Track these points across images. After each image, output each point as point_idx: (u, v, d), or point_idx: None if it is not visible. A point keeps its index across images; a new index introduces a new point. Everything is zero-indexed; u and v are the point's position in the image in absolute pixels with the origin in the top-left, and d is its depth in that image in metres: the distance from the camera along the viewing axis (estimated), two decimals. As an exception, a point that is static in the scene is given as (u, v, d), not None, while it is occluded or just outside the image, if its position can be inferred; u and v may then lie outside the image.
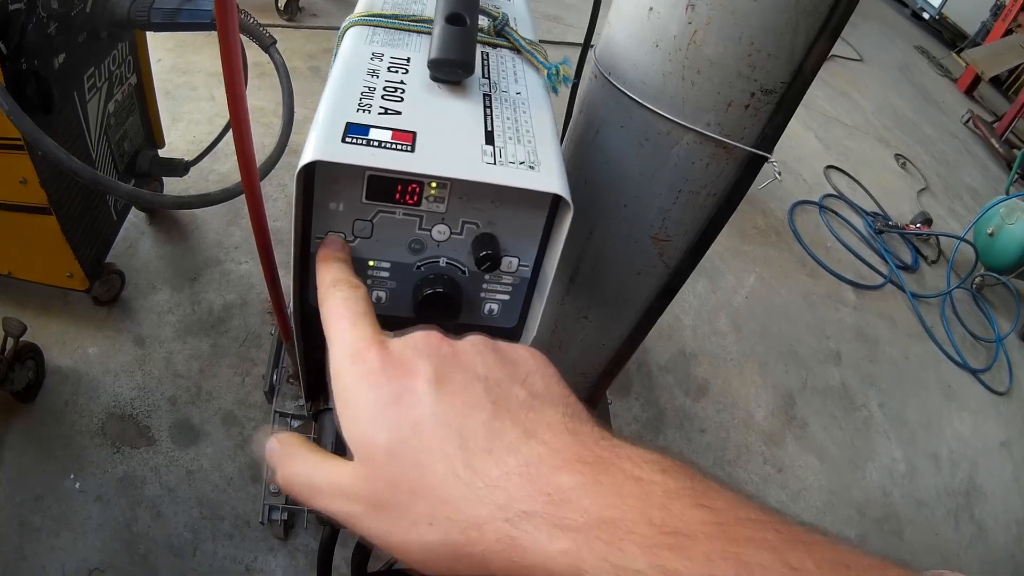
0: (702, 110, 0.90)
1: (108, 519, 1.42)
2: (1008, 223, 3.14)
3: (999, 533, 2.22)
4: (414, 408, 0.33)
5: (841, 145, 4.06)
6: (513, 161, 0.52)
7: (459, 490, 0.31)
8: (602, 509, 0.28)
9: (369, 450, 0.33)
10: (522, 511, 0.29)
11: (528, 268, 0.60)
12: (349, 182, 0.52)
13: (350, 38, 0.66)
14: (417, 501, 0.31)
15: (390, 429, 0.33)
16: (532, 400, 0.35)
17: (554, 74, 0.68)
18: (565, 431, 0.33)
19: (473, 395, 0.34)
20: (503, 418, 0.33)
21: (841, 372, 2.55)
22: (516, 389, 0.35)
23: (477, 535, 0.30)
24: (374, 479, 0.33)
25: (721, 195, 0.99)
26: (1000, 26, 5.87)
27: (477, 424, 0.33)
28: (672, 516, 0.28)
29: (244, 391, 1.70)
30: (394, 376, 0.35)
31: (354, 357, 0.36)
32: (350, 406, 0.35)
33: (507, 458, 0.31)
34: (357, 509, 0.33)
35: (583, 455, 0.31)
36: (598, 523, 0.28)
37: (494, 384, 0.35)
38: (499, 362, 0.37)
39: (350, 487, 0.34)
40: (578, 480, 0.30)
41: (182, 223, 2.06)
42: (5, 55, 1.16)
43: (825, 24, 0.82)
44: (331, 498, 0.35)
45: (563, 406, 0.35)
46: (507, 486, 0.30)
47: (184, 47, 2.74)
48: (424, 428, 0.33)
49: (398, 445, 0.32)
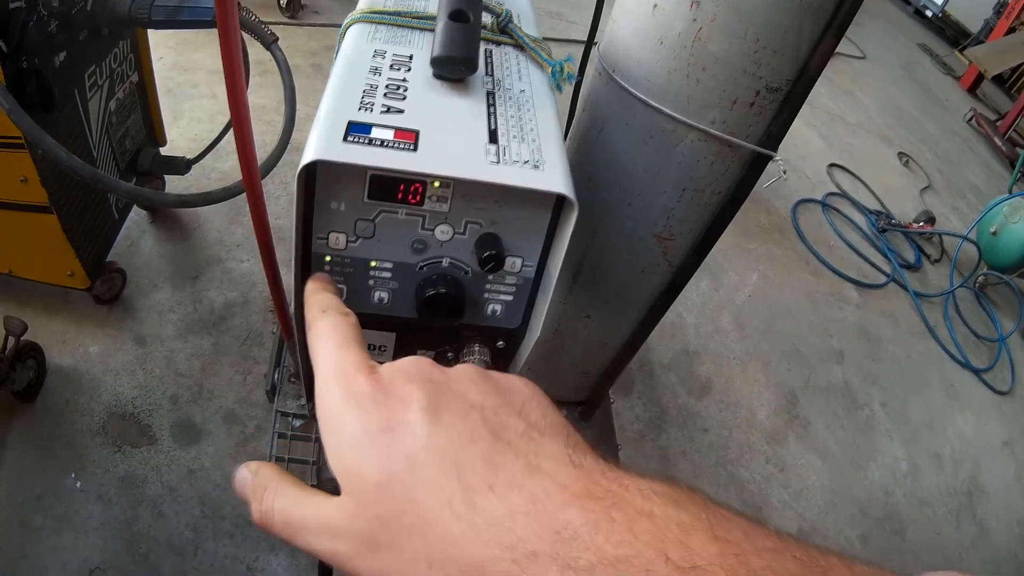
0: (707, 108, 0.89)
1: (109, 518, 1.41)
2: (1011, 222, 3.13)
3: (1001, 533, 2.21)
4: (407, 438, 0.31)
5: (844, 143, 4.05)
6: (517, 160, 0.52)
7: (459, 528, 0.28)
8: (616, 547, 0.26)
9: (358, 484, 0.31)
10: (530, 551, 0.27)
11: (532, 268, 0.59)
12: (351, 181, 0.52)
13: (352, 35, 0.65)
14: (413, 540, 0.29)
15: (381, 461, 0.31)
16: (531, 431, 0.32)
17: (558, 71, 0.67)
18: (569, 463, 0.31)
19: (470, 425, 0.32)
20: (503, 451, 0.31)
21: (844, 371, 2.54)
22: (514, 419, 0.33)
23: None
24: (365, 517, 0.31)
25: (726, 193, 0.99)
26: (1003, 24, 5.85)
27: (476, 456, 0.30)
28: (689, 551, 0.26)
29: (246, 390, 1.70)
30: (384, 403, 0.32)
31: (341, 380, 0.34)
32: (336, 434, 0.33)
33: (510, 494, 0.29)
34: (346, 548, 0.31)
35: (592, 490, 0.29)
36: (612, 562, 0.26)
37: (491, 413, 0.33)
38: (494, 390, 0.35)
39: (338, 524, 0.31)
40: (588, 517, 0.28)
41: (184, 221, 2.06)
42: (6, 53, 1.15)
43: (830, 22, 0.82)
44: (317, 536, 0.32)
45: (563, 437, 0.33)
46: (512, 524, 0.28)
47: (185, 45, 2.74)
48: (418, 461, 0.30)
49: (390, 479, 0.30)
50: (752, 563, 0.26)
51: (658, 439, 2.00)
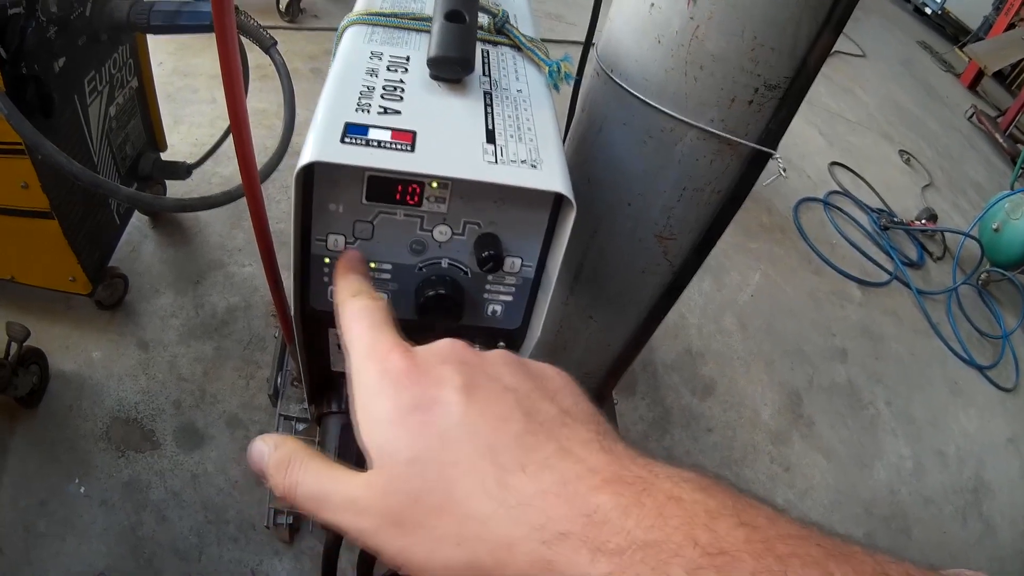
0: (705, 106, 0.89)
1: (113, 523, 1.41)
2: (1013, 218, 3.12)
3: (1007, 530, 2.21)
4: (441, 418, 0.31)
5: (845, 141, 4.05)
6: (515, 160, 0.52)
7: (490, 507, 0.29)
8: (645, 531, 0.27)
9: (389, 460, 0.31)
10: (559, 532, 0.27)
11: (531, 268, 0.59)
12: (349, 183, 0.52)
13: (349, 37, 0.65)
14: (442, 518, 0.29)
15: (414, 438, 0.31)
16: (564, 416, 0.33)
17: (555, 71, 0.67)
18: (600, 449, 0.31)
19: (504, 407, 0.32)
20: (536, 432, 0.31)
21: (847, 369, 2.54)
22: (547, 404, 0.33)
23: (508, 557, 0.28)
24: (394, 492, 0.31)
25: (726, 192, 0.98)
26: (1003, 20, 5.84)
27: (509, 437, 0.30)
28: (717, 537, 0.26)
29: (248, 394, 1.70)
30: (419, 382, 0.33)
31: (376, 359, 0.35)
32: (369, 410, 0.33)
33: (543, 475, 0.29)
34: (371, 524, 0.31)
35: (622, 475, 0.29)
36: (642, 546, 0.26)
37: (524, 397, 0.33)
38: (527, 376, 0.35)
39: (365, 500, 0.31)
40: (618, 501, 0.28)
41: (185, 226, 2.06)
42: (5, 59, 1.15)
43: (828, 18, 0.81)
44: (342, 512, 0.32)
45: (594, 424, 0.33)
46: (543, 505, 0.28)
47: (185, 50, 2.74)
48: (452, 439, 0.30)
49: (422, 456, 0.30)
50: (777, 549, 0.26)
51: (662, 440, 2.00)
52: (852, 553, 0.26)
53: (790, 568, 0.25)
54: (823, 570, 0.25)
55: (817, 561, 0.26)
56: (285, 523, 1.41)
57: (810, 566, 0.25)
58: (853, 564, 0.26)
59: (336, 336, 0.64)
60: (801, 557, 0.26)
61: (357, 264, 0.49)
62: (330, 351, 0.66)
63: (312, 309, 0.59)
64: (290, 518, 1.41)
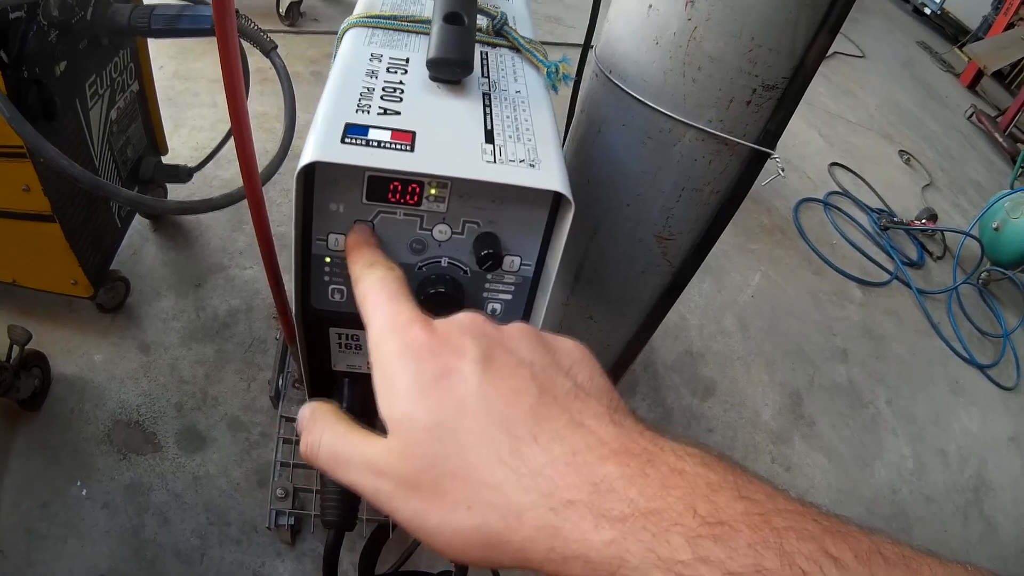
0: (704, 107, 0.89)
1: (115, 526, 1.42)
2: (1013, 217, 3.12)
3: (1009, 528, 2.21)
4: (459, 387, 0.32)
5: (845, 142, 4.05)
6: (513, 159, 0.52)
7: (502, 475, 0.30)
8: (648, 500, 0.28)
9: (408, 426, 0.32)
10: (567, 500, 0.29)
11: (530, 267, 0.59)
12: (349, 183, 0.52)
13: (349, 39, 0.66)
14: (456, 483, 0.31)
15: (432, 407, 0.32)
16: (577, 390, 0.34)
17: (553, 72, 0.68)
18: (610, 422, 0.32)
19: (520, 380, 0.33)
20: (550, 405, 0.32)
21: (848, 369, 2.54)
22: (561, 378, 0.34)
23: (516, 523, 0.29)
24: (411, 457, 0.32)
25: (724, 192, 0.99)
26: (1002, 20, 5.84)
27: (524, 409, 0.32)
28: (716, 508, 0.27)
29: (250, 396, 1.70)
30: (439, 353, 0.34)
31: (396, 330, 0.36)
32: (390, 380, 0.34)
33: (553, 445, 0.30)
34: (388, 486, 0.33)
35: (629, 447, 0.30)
36: (644, 514, 0.28)
37: (540, 371, 0.34)
38: (545, 350, 0.36)
39: (383, 463, 0.33)
40: (624, 471, 0.29)
41: (186, 229, 2.06)
42: (6, 63, 1.16)
43: (825, 18, 0.82)
44: (359, 472, 0.34)
45: (607, 398, 0.34)
46: (552, 474, 0.29)
47: (186, 53, 2.75)
48: (468, 409, 0.32)
49: (440, 423, 0.31)
50: (775, 522, 0.27)
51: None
52: (849, 531, 0.27)
53: (785, 540, 0.26)
54: (818, 545, 0.26)
55: (813, 536, 0.26)
56: (287, 524, 1.41)
57: (806, 540, 0.26)
58: (849, 541, 0.27)
59: (336, 336, 0.65)
60: (797, 531, 0.27)
61: (368, 236, 0.50)
62: (331, 350, 0.67)
63: (313, 308, 0.60)
64: (292, 519, 1.41)
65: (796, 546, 0.26)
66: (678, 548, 0.26)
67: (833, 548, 0.26)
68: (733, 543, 0.26)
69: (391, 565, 1.09)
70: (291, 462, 1.42)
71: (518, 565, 0.30)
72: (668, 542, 0.27)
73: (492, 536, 0.30)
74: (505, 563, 0.30)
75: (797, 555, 0.26)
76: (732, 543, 0.26)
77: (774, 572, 0.25)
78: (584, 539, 0.28)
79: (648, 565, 0.27)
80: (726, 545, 0.26)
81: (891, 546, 0.27)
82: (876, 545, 0.27)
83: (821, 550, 0.26)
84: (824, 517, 0.28)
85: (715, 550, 0.26)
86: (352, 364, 0.67)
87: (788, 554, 0.26)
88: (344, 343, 0.65)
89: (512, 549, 0.30)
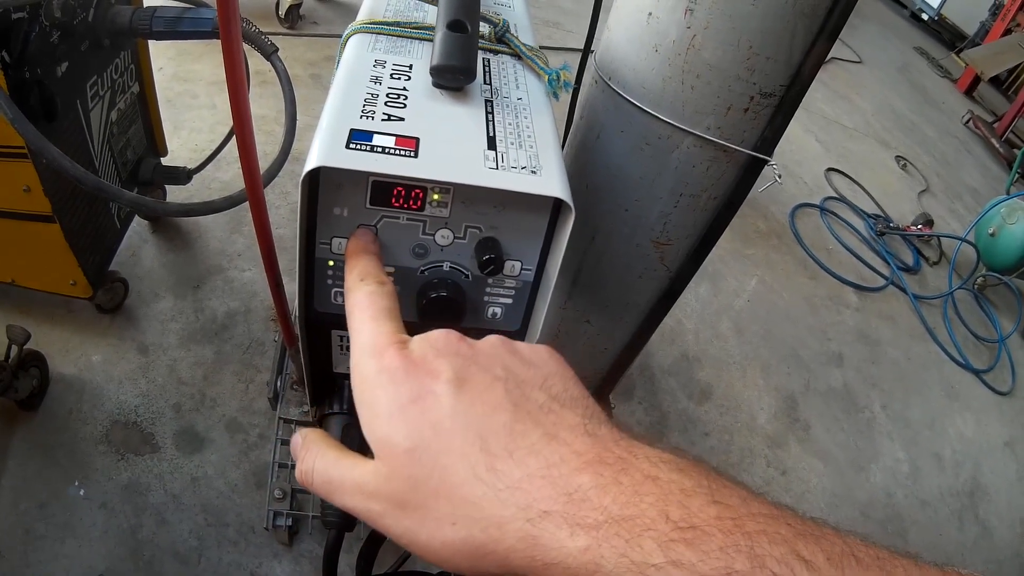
0: (702, 114, 0.90)
1: (113, 526, 1.42)
2: (1009, 223, 3.14)
3: (1003, 532, 2.22)
4: (434, 409, 0.33)
5: (842, 147, 4.06)
6: (515, 166, 0.53)
7: (481, 491, 0.31)
8: (621, 507, 0.29)
9: (389, 450, 0.34)
10: (543, 511, 0.30)
11: (531, 272, 0.60)
12: (353, 188, 0.53)
13: (352, 46, 0.66)
14: (439, 501, 0.32)
15: (410, 430, 0.33)
16: (552, 403, 0.35)
17: (555, 79, 0.68)
18: (584, 433, 0.33)
19: (494, 397, 0.34)
20: (524, 420, 0.33)
21: (843, 374, 2.55)
22: (536, 392, 0.35)
23: (498, 534, 0.30)
24: (395, 479, 0.33)
25: (722, 198, 0.99)
26: (999, 26, 5.87)
27: (498, 426, 0.33)
28: (689, 513, 0.28)
29: (248, 398, 1.70)
30: (414, 375, 0.35)
31: (373, 353, 0.37)
32: (369, 404, 0.35)
33: (528, 460, 0.32)
34: (378, 507, 0.34)
35: (603, 456, 0.32)
36: (617, 520, 0.29)
37: (514, 387, 0.35)
38: (519, 364, 0.37)
39: (371, 485, 0.34)
40: (598, 480, 0.30)
41: (185, 231, 2.07)
42: (8, 64, 1.16)
43: (823, 27, 0.83)
44: (351, 495, 0.35)
45: (582, 408, 0.35)
46: (529, 487, 0.31)
47: (185, 55, 2.75)
48: (444, 429, 0.33)
49: (419, 446, 0.33)
50: (747, 526, 0.28)
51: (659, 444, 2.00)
52: (823, 534, 0.28)
53: (757, 544, 0.27)
54: (790, 547, 0.27)
55: (785, 539, 0.27)
56: (284, 525, 1.41)
57: (778, 543, 0.27)
58: (822, 544, 0.28)
59: (338, 338, 0.66)
60: (769, 535, 0.28)
61: (368, 243, 0.51)
62: (332, 352, 0.67)
63: (316, 311, 0.60)
64: (289, 520, 1.42)
65: (767, 549, 0.27)
66: (651, 552, 0.27)
67: (805, 551, 0.27)
68: (705, 547, 0.27)
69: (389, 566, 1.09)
70: (289, 463, 1.43)
71: (506, 572, 0.31)
72: (641, 547, 0.28)
73: (477, 548, 0.31)
74: (494, 571, 0.32)
75: (768, 558, 0.27)
76: (704, 547, 0.27)
77: (744, 574, 0.26)
78: (561, 547, 0.29)
79: (622, 569, 0.28)
80: (698, 549, 0.27)
81: (865, 548, 0.28)
82: (850, 547, 0.28)
83: (793, 552, 0.27)
84: (798, 521, 0.29)
85: (687, 553, 0.27)
86: None
87: (759, 556, 0.27)
88: (346, 346, 0.66)
89: (498, 559, 0.31)
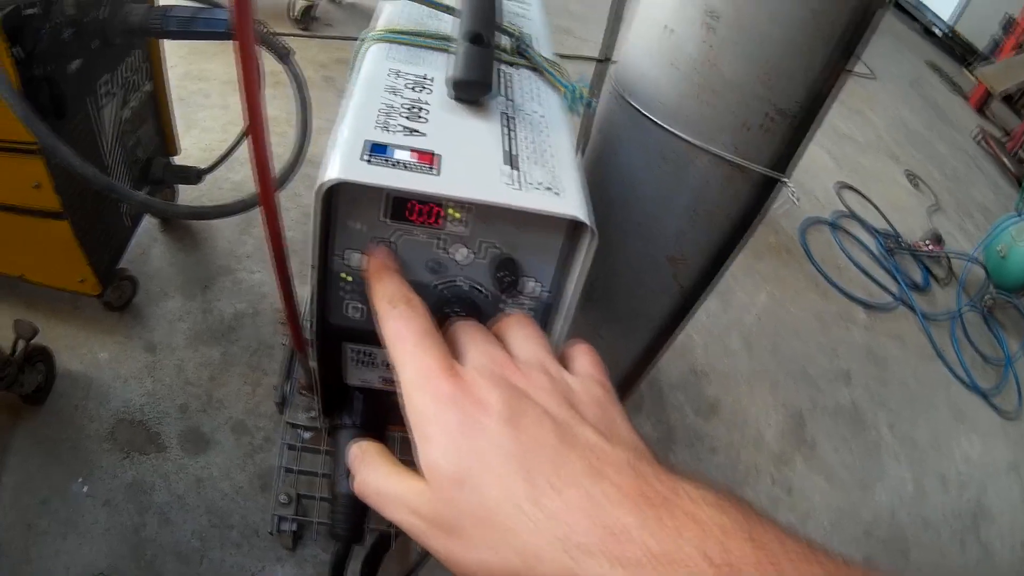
0: (718, 131, 0.90)
1: (115, 524, 1.42)
2: (1019, 243, 3.13)
3: (1005, 555, 2.20)
4: (482, 440, 0.35)
5: (853, 162, 4.05)
6: (536, 185, 0.52)
7: (522, 521, 0.32)
8: (661, 545, 0.29)
9: (436, 475, 0.35)
10: (580, 543, 0.30)
11: (548, 291, 0.59)
12: (370, 202, 0.52)
13: (368, 54, 0.66)
14: (480, 528, 0.33)
15: (459, 458, 0.35)
16: (599, 440, 0.36)
17: (574, 95, 0.68)
18: (629, 469, 0.34)
19: (542, 432, 0.35)
20: (568, 455, 0.34)
21: (851, 392, 2.54)
22: (583, 428, 0.36)
23: (536, 563, 0.31)
24: (440, 502, 0.35)
25: (737, 217, 0.99)
26: (1011, 40, 5.87)
27: (543, 460, 0.34)
28: (727, 552, 0.29)
29: (254, 401, 1.70)
30: (465, 405, 0.36)
31: (425, 383, 0.38)
32: (422, 431, 0.37)
33: (570, 493, 0.32)
34: (422, 525, 0.36)
35: (646, 492, 0.32)
36: (657, 558, 0.29)
37: (562, 422, 0.36)
38: (568, 400, 0.38)
39: (417, 504, 0.36)
40: (639, 517, 0.31)
41: (195, 231, 2.07)
42: (20, 60, 1.16)
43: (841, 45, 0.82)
44: (398, 510, 0.37)
45: (630, 447, 0.36)
46: (568, 519, 0.31)
47: (197, 54, 2.75)
48: (491, 460, 0.34)
49: (465, 474, 0.34)
50: (783, 566, 0.28)
51: (666, 459, 1.99)
52: (853, 574, 0.29)
53: None
54: None
55: None
56: (289, 530, 1.41)
57: None
58: None
59: (351, 350, 0.65)
60: (803, 573, 0.28)
61: (389, 261, 0.51)
62: (345, 364, 0.67)
63: (329, 323, 0.60)
64: (294, 525, 1.41)
65: None
66: None
67: None
68: None
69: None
70: (295, 468, 1.42)
71: None
72: None
73: (515, 573, 0.32)
74: None
75: None
76: None
77: None
78: None
79: None
80: None
81: None
82: None
83: None
84: (831, 560, 0.29)
85: None
86: (365, 379, 0.67)
87: None
88: (359, 359, 0.65)
89: None
